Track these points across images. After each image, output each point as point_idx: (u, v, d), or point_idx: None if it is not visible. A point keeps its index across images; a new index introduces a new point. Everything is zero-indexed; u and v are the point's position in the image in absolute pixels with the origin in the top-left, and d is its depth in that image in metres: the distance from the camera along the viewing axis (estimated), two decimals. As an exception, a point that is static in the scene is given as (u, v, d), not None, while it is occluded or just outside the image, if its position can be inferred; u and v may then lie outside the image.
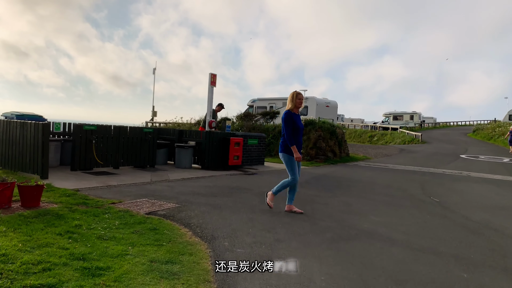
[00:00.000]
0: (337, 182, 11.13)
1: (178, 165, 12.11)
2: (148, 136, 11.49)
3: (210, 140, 12.35)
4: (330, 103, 29.73)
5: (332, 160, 17.32)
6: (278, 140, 17.92)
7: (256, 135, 14.37)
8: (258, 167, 13.81)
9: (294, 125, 6.49)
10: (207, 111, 12.52)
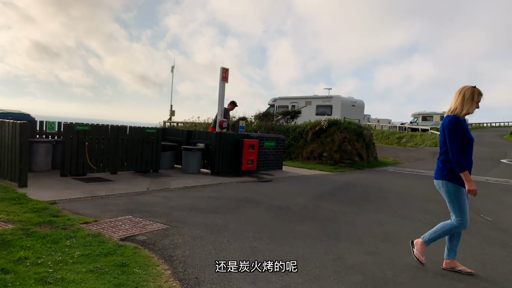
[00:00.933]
0: (365, 193, 9.59)
1: (185, 169, 10.83)
2: (151, 137, 10.25)
3: (221, 142, 11.02)
4: (357, 102, 28.00)
5: (359, 164, 15.71)
6: (299, 142, 16.44)
7: (273, 136, 12.96)
8: (275, 172, 12.40)
9: (464, 138, 4.15)
10: (217, 109, 11.21)
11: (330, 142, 15.75)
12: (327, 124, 16.23)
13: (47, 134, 10.03)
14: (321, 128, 16.41)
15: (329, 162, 15.19)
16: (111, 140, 9.49)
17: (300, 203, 7.60)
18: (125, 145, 9.77)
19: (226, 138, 11.18)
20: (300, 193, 8.82)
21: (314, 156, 15.85)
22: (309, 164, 15.31)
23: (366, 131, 17.30)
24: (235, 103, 12.47)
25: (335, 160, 15.23)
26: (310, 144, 16.38)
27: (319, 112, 26.95)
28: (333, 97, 27.15)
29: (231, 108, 12.44)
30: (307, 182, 10.80)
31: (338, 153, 15.35)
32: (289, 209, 7.02)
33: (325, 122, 16.30)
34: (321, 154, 15.69)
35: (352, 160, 15.58)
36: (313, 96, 28.63)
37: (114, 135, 9.53)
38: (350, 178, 12.36)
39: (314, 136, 16.56)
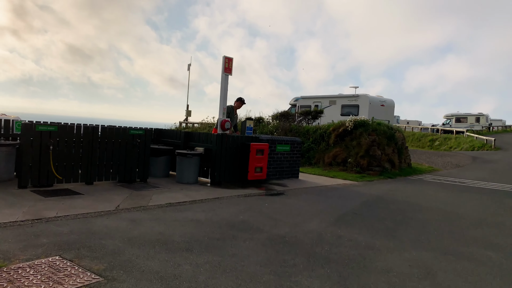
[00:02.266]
0: (399, 213, 7.51)
1: (179, 179, 9.02)
2: (136, 141, 8.50)
3: (223, 147, 9.17)
4: (386, 102, 25.64)
5: (390, 172, 13.54)
6: (320, 145, 14.43)
7: (287, 139, 10.99)
8: (289, 182, 10.44)
9: None
10: (219, 107, 9.36)
11: (356, 146, 13.65)
12: (353, 125, 14.13)
13: (15, 136, 8.44)
14: (346, 129, 14.33)
15: (355, 169, 13.09)
16: (85, 144, 7.79)
17: (313, 231, 5.64)
18: (104, 150, 8.05)
19: (230, 142, 9.32)
20: (316, 213, 6.85)
21: (337, 162, 13.78)
22: (331, 171, 13.26)
23: (399, 134, 15.07)
24: (242, 100, 10.60)
25: (362, 167, 13.12)
26: (332, 148, 14.33)
27: (344, 112, 24.76)
28: (360, 96, 24.91)
29: (238, 106, 10.58)
30: (326, 196, 8.80)
31: (365, 158, 13.23)
32: (297, 242, 5.08)
33: (350, 123, 14.21)
34: (346, 160, 13.61)
35: (382, 167, 13.42)
36: (338, 95, 26.46)
37: (88, 137, 7.83)
38: (380, 190, 10.26)
39: (337, 138, 14.49)
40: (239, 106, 10.57)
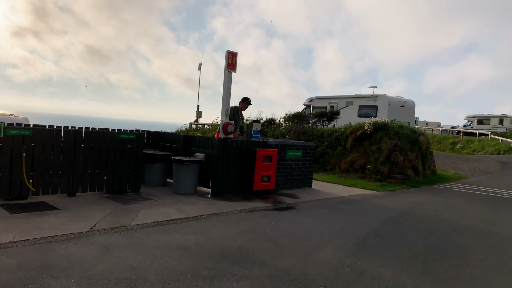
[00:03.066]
0: (431, 234, 6.31)
1: (176, 189, 7.99)
2: (126, 146, 7.50)
3: (225, 153, 8.11)
4: (406, 102, 24.28)
5: (413, 180, 12.28)
6: (336, 150, 13.25)
7: (299, 144, 9.86)
8: (301, 192, 9.31)
9: None
10: (221, 108, 8.30)
11: (376, 151, 12.43)
12: (372, 128, 12.92)
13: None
14: (364, 132, 13.12)
15: (375, 177, 11.88)
16: (67, 150, 6.83)
17: (327, 263, 4.53)
18: (88, 156, 7.08)
19: (233, 147, 8.26)
20: (331, 236, 5.73)
21: (355, 169, 12.59)
22: (348, 178, 12.09)
23: (423, 138, 13.78)
24: (248, 100, 9.52)
25: (383, 174, 11.90)
26: (349, 152, 13.13)
27: (362, 114, 23.50)
28: (378, 96, 23.60)
29: (244, 107, 9.50)
30: (343, 211, 7.65)
31: (386, 165, 12.01)
32: (306, 281, 3.97)
33: (369, 125, 13.00)
34: (364, 166, 12.41)
35: (405, 174, 12.17)
36: (355, 95, 25.18)
37: (70, 142, 6.86)
38: (404, 202, 9.06)
39: (355, 142, 13.29)
40: (245, 107, 9.49)
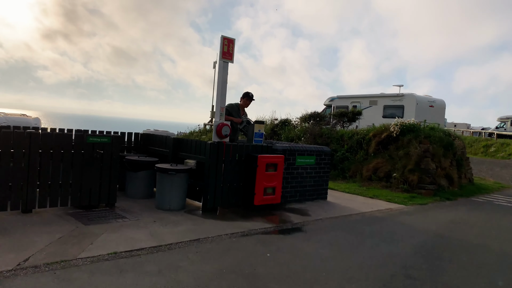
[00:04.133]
0: (480, 272, 4.72)
1: (160, 203, 6.63)
2: (97, 152, 6.18)
3: (220, 160, 6.70)
4: (435, 102, 22.33)
5: (447, 191, 10.57)
6: (357, 154, 11.66)
7: (312, 149, 8.33)
8: (314, 206, 7.81)
9: None
10: (215, 106, 6.87)
11: (404, 157, 10.78)
12: (399, 130, 11.27)
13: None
14: (390, 135, 11.49)
15: (402, 187, 10.25)
16: (19, 156, 5.56)
17: None
18: (48, 164, 5.79)
19: (229, 153, 6.84)
20: (346, 276, 4.22)
21: (378, 177, 10.98)
22: (370, 187, 10.50)
23: (458, 141, 12.00)
24: (250, 95, 8.08)
25: (411, 184, 10.25)
26: (373, 158, 11.52)
27: (387, 114, 21.70)
28: (405, 96, 21.73)
29: (246, 103, 8.07)
30: (363, 235, 6.12)
31: (415, 173, 10.35)
32: None
33: (395, 127, 11.35)
34: (390, 174, 10.79)
35: (437, 184, 10.47)
36: (379, 95, 23.38)
37: (24, 147, 5.58)
38: (439, 222, 7.44)
39: (379, 146, 11.67)
40: (247, 103, 8.05)
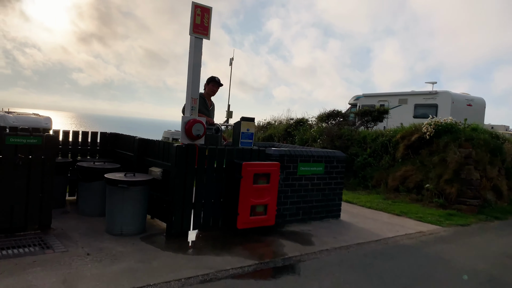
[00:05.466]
0: None
1: (109, 226, 4.99)
2: (18, 158, 4.61)
3: (190, 168, 5.01)
4: (474, 100, 19.95)
5: (495, 207, 8.50)
6: (381, 160, 9.75)
7: (320, 154, 6.48)
8: (322, 228, 6.01)
9: None
10: (186, 96, 5.19)
11: (439, 164, 8.78)
12: (433, 130, 9.28)
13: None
14: (422, 137, 9.51)
15: (436, 201, 8.28)
16: None
17: None
18: None
19: (203, 159, 5.14)
20: None
21: (407, 187, 9.03)
22: (397, 200, 8.59)
23: (508, 145, 9.85)
24: (217, 80, 6.32)
25: (448, 197, 8.26)
26: (400, 164, 9.57)
27: (418, 114, 19.49)
28: (439, 93, 19.47)
29: (212, 90, 6.32)
30: (383, 279, 4.28)
31: (454, 184, 8.35)
32: None
33: (429, 127, 9.36)
34: (421, 185, 8.83)
35: (482, 198, 8.43)
36: (409, 92, 21.17)
37: None
38: (490, 254, 5.49)
39: (408, 151, 9.71)
40: (214, 90, 6.32)
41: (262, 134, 15.30)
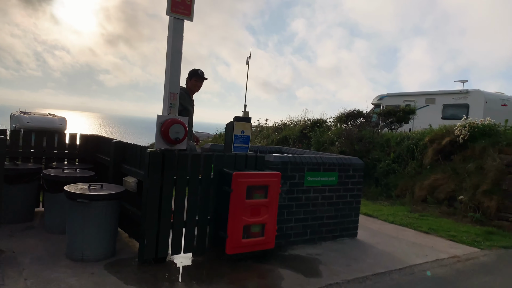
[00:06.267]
0: None
1: (70, 249, 4.10)
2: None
3: (168, 179, 4.07)
4: (510, 100, 18.33)
5: (543, 224, 7.24)
6: (407, 167, 8.61)
7: (333, 161, 5.42)
8: (334, 251, 4.97)
9: None
10: (163, 91, 4.26)
11: (475, 172, 7.57)
12: (468, 133, 8.07)
13: None
14: (454, 141, 8.32)
15: (472, 216, 7.09)
16: None
17: None
18: None
19: (184, 167, 4.20)
20: None
21: (437, 198, 7.86)
22: (426, 214, 7.44)
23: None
24: (200, 73, 5.35)
25: (487, 212, 7.06)
26: (429, 172, 8.39)
27: (447, 115, 18.07)
28: (470, 92, 17.99)
29: (196, 85, 5.38)
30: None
31: (493, 197, 7.13)
32: None
33: (463, 129, 8.16)
34: (454, 196, 7.65)
35: (527, 213, 7.18)
36: (438, 92, 19.73)
37: None
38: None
39: (438, 156, 8.52)
40: (197, 86, 5.37)
41: (276, 136, 14.31)
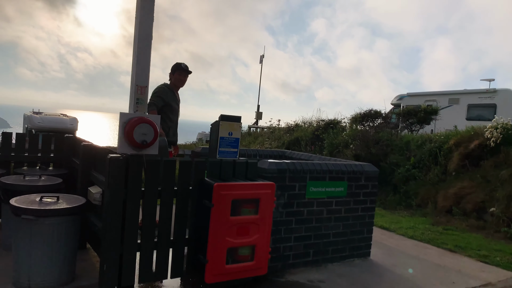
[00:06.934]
0: None
1: (16, 275, 3.40)
2: None
3: (134, 191, 3.33)
4: (540, 100, 17.05)
5: None
6: (429, 173, 7.69)
7: (341, 168, 4.59)
8: (340, 277, 4.14)
9: None
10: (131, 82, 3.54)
11: (509, 180, 6.61)
12: (500, 136, 7.11)
13: None
14: (483, 145, 7.36)
15: (505, 231, 6.14)
16: None
17: None
18: None
19: (158, 177, 3.44)
20: None
21: (464, 210, 6.93)
22: (450, 227, 6.52)
23: None
24: (184, 67, 4.60)
25: (523, 227, 6.10)
26: (455, 179, 7.45)
27: (472, 116, 16.93)
28: (498, 92, 16.83)
29: (180, 81, 4.65)
30: None
31: (531, 209, 6.17)
32: None
33: (494, 131, 7.20)
34: (484, 207, 6.70)
35: None
36: (462, 91, 18.59)
37: None
38: None
39: (465, 161, 7.57)
40: (182, 80, 4.63)
41: (288, 137, 13.49)
